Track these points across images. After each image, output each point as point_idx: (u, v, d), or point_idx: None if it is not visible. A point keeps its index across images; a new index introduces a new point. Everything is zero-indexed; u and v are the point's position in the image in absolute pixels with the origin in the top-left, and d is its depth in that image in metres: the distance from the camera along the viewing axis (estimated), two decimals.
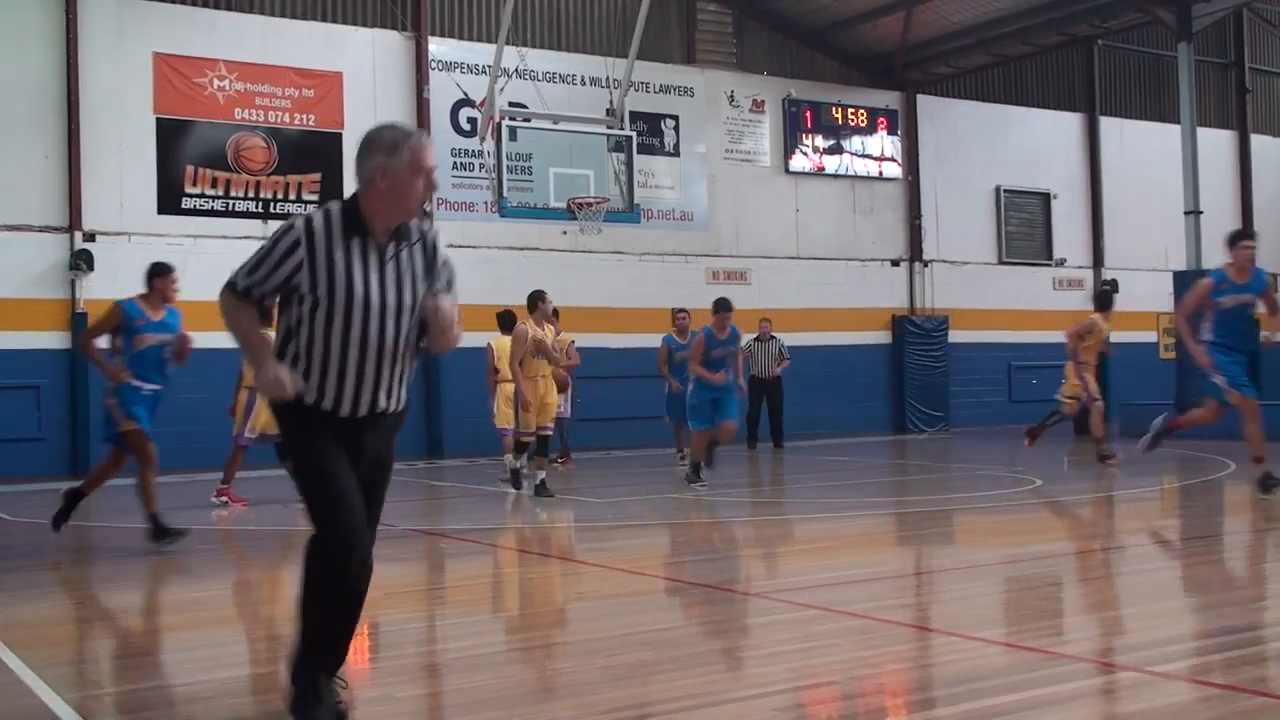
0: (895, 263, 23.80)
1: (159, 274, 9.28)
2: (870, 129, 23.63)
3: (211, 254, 17.87)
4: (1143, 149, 25.74)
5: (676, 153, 21.60)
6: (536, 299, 12.52)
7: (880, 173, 23.69)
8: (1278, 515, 11.07)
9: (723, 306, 12.90)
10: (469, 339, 17.87)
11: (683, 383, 14.22)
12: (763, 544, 9.25)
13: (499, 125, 16.38)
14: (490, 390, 14.37)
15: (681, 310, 16.70)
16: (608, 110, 17.62)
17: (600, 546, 9.14)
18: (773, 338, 19.45)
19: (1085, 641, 5.84)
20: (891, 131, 23.81)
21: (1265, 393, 13.55)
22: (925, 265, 23.91)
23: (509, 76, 18.61)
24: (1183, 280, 21.19)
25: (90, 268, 17.13)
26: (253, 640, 6.29)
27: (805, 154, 22.88)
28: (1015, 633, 5.98)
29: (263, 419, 11.64)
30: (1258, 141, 28.03)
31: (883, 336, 23.48)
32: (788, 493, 13.30)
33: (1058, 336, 25.24)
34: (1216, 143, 26.45)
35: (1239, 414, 10.45)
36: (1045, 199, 25.44)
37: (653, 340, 20.75)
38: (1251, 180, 27.84)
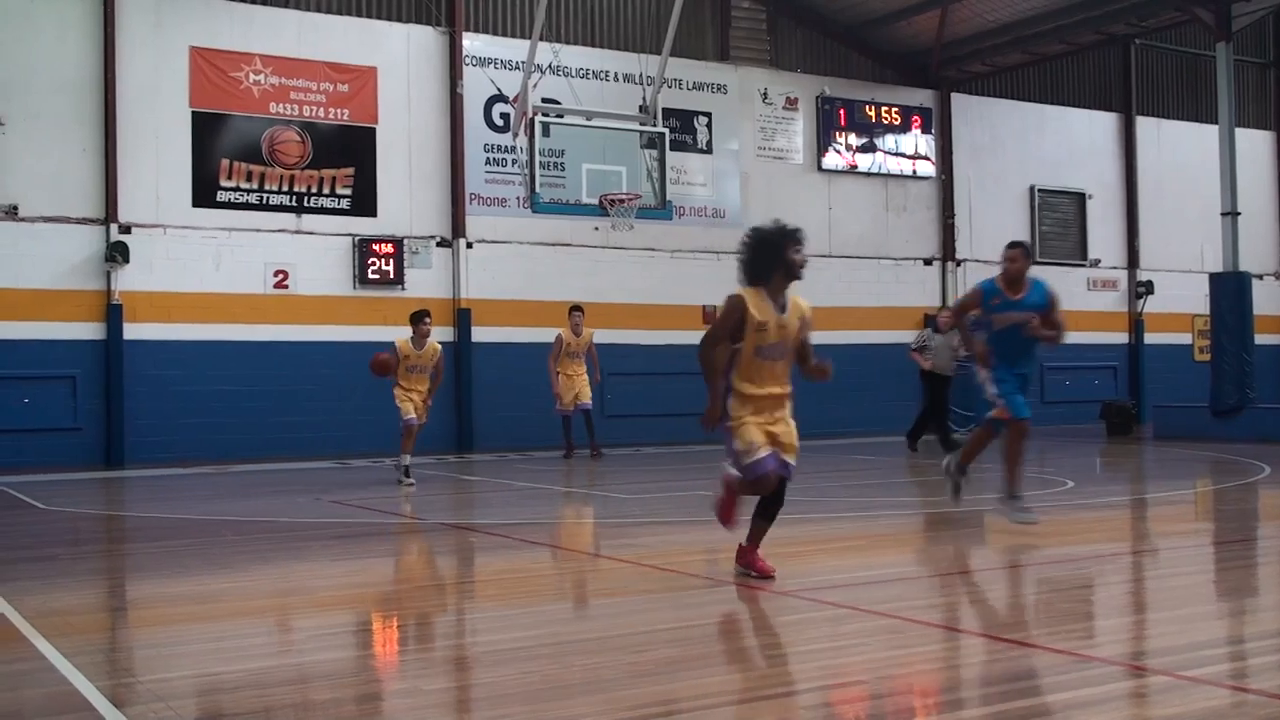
0: (928, 261, 23.70)
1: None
2: (904, 127, 23.52)
3: (245, 247, 18.02)
4: (1179, 149, 25.53)
5: (709, 149, 21.57)
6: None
7: (914, 171, 23.59)
8: None
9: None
10: (498, 334, 17.90)
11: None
12: (789, 542, 9.23)
13: (532, 121, 16.41)
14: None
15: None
16: (641, 107, 17.61)
17: (629, 543, 9.14)
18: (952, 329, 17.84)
19: (1116, 645, 5.80)
20: (925, 130, 23.70)
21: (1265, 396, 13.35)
22: (958, 264, 23.78)
23: (542, 73, 18.65)
24: (1220, 282, 21.04)
25: (125, 260, 17.26)
26: (282, 631, 6.32)
27: (838, 152, 22.80)
28: (1045, 635, 5.94)
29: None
30: None
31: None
32: (817, 491, 13.26)
33: (1091, 337, 25.20)
34: (1254, 143, 26.19)
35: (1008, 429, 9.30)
36: (1080, 199, 25.27)
37: (685, 336, 20.81)
38: None
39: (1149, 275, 25.60)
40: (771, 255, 6.87)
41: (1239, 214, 21.31)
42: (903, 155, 23.53)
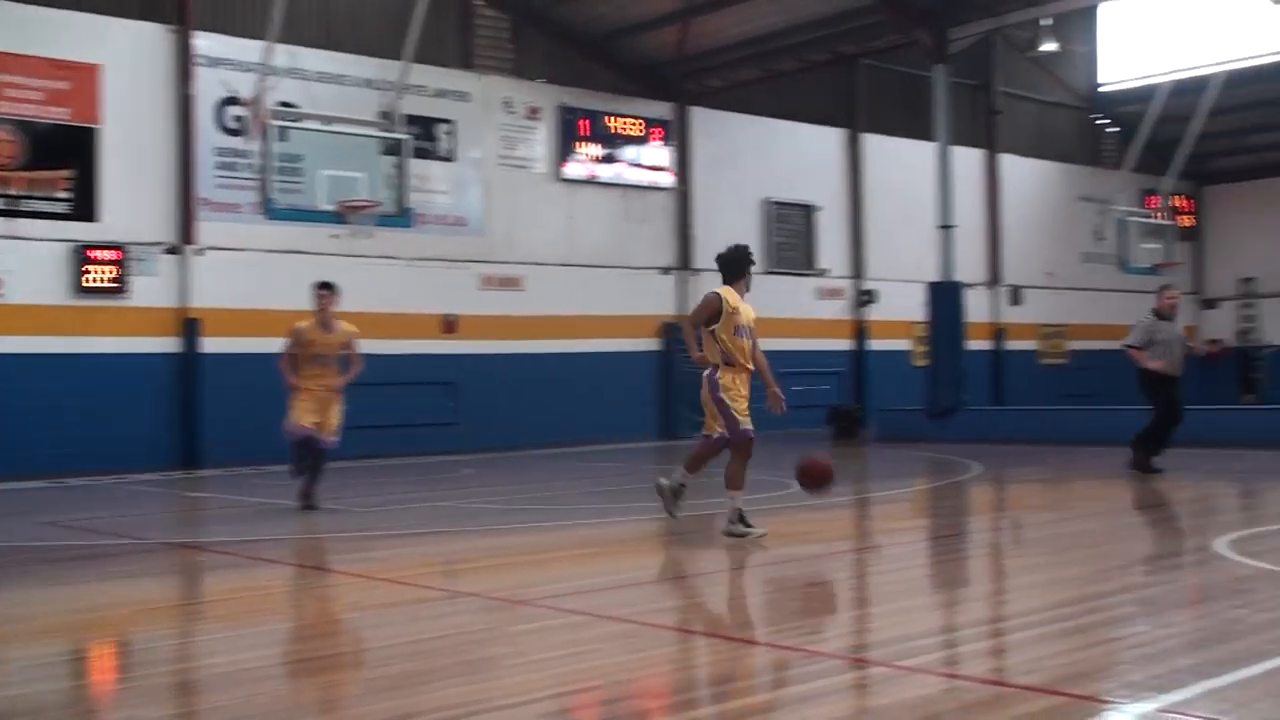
0: (666, 270, 24.18)
1: None
2: (644, 139, 23.93)
3: None
4: (902, 165, 26.78)
5: (451, 157, 21.42)
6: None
7: (653, 182, 24.02)
8: (1020, 519, 11.73)
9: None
10: (229, 344, 17.18)
11: None
12: (528, 551, 9.27)
13: (268, 124, 15.94)
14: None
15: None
16: (382, 113, 17.36)
17: (364, 556, 8.99)
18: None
19: (839, 639, 6.07)
20: (665, 142, 24.17)
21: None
22: (695, 274, 24.36)
23: (279, 75, 18.15)
24: (936, 291, 22.27)
25: None
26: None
27: (579, 162, 23.01)
28: (774, 633, 6.17)
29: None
30: (1006, 160, 29.62)
31: (653, 343, 23.82)
32: (556, 499, 13.35)
33: (819, 344, 26.23)
34: (969, 160, 27.80)
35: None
36: (810, 211, 26.27)
37: (425, 346, 20.61)
38: (1000, 197, 29.41)
39: (873, 284, 26.82)
40: (741, 264, 9.64)
41: (955, 227, 22.61)
42: (643, 166, 23.92)
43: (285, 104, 17.91)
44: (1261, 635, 5.55)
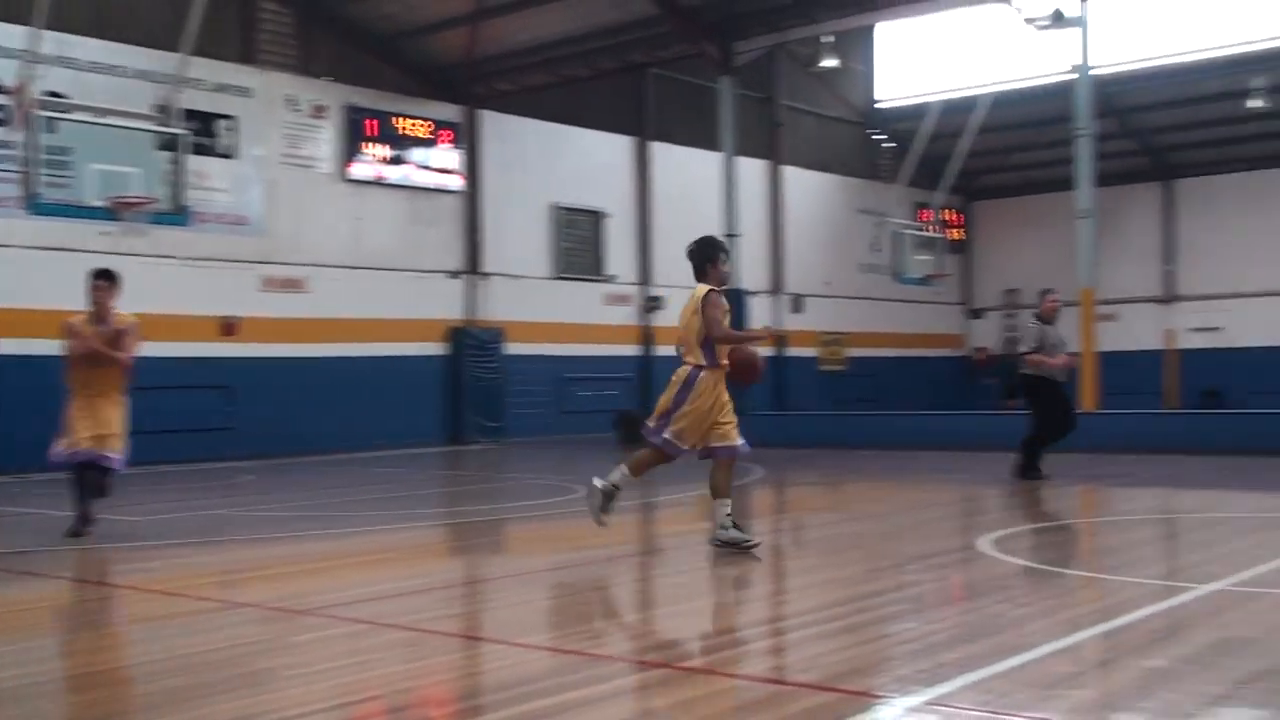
0: (454, 274, 24.00)
1: None
2: (433, 141, 23.70)
3: None
4: (688, 173, 27.25)
5: (232, 154, 20.78)
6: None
7: (442, 185, 23.81)
8: (800, 521, 12.05)
9: None
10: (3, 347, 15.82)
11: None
12: (309, 560, 9.07)
13: (33, 115, 15.15)
14: None
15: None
16: (158, 106, 16.72)
17: (141, 568, 8.65)
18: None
19: (623, 642, 6.14)
20: (454, 144, 24.00)
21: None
22: (483, 278, 24.27)
23: (47, 63, 17.27)
24: (728, 300, 22.68)
25: None
26: None
27: (366, 162, 22.64)
28: (558, 637, 6.19)
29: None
30: (789, 172, 30.46)
31: (440, 348, 23.61)
32: (340, 506, 13.10)
33: (607, 350, 26.44)
34: (753, 171, 28.48)
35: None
36: (598, 217, 26.48)
37: (203, 349, 19.92)
38: (783, 207, 30.22)
39: (660, 291, 27.19)
40: (710, 256, 8.91)
41: (739, 235, 23.12)
42: (431, 169, 23.69)
43: (53, 94, 17.04)
44: (1020, 629, 5.86)
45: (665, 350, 27.17)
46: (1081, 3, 20.24)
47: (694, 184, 26.51)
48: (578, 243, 26.10)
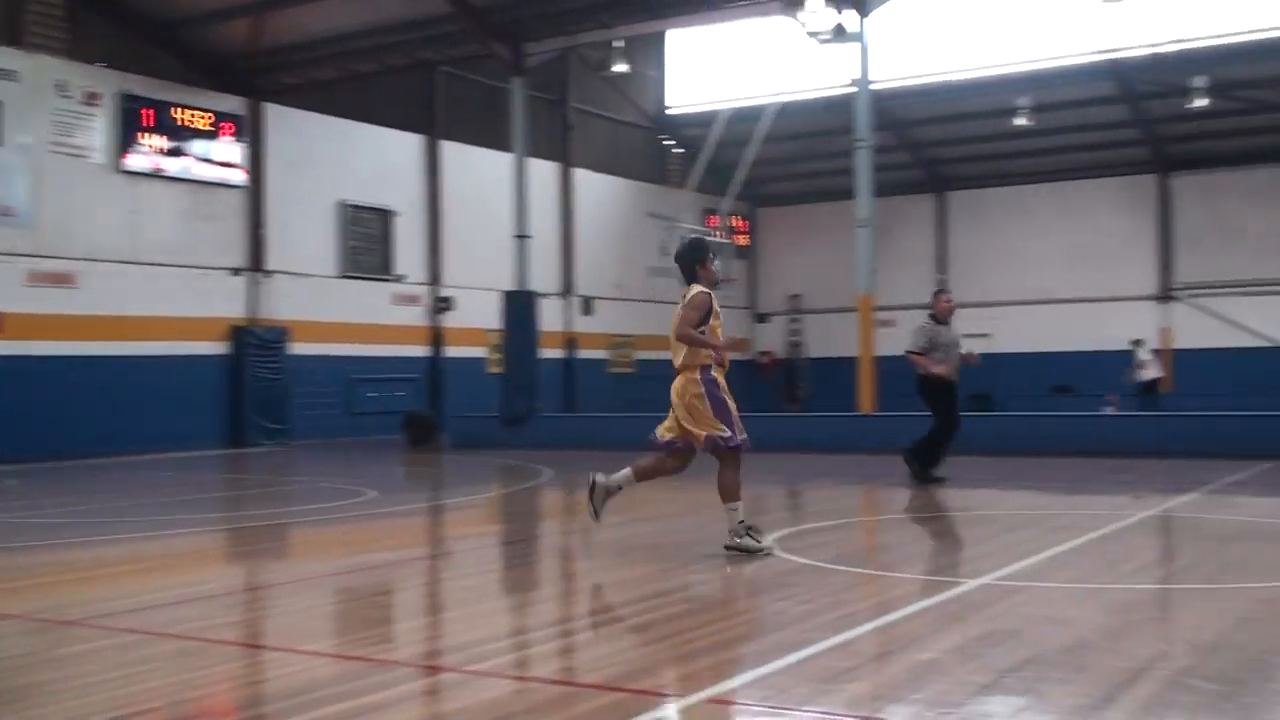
0: (236, 271, 23.30)
1: None
2: (214, 133, 22.93)
3: None
4: (480, 174, 27.13)
5: None
6: None
7: (224, 179, 23.07)
8: (589, 522, 12.11)
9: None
10: None
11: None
12: (78, 568, 8.67)
13: None
14: None
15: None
16: None
17: None
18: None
19: (411, 646, 6.07)
20: (237, 138, 23.27)
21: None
22: (267, 276, 23.63)
23: None
24: (511, 300, 22.70)
25: None
26: None
27: (143, 154, 21.74)
28: (344, 643, 6.08)
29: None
30: (580, 174, 30.61)
31: (221, 347, 22.89)
32: (112, 511, 12.57)
33: (395, 351, 26.09)
34: (545, 173, 28.51)
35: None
36: (388, 216, 26.09)
37: None
38: (574, 210, 30.36)
39: (450, 291, 26.98)
40: (698, 258, 8.76)
41: (530, 237, 23.13)
42: (213, 162, 22.92)
43: None
44: (801, 625, 6.03)
45: (456, 351, 26.99)
46: (861, 19, 20.96)
47: (486, 184, 26.41)
48: (366, 241, 25.66)
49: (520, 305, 22.70)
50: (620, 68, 29.71)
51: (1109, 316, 30.20)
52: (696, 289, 8.58)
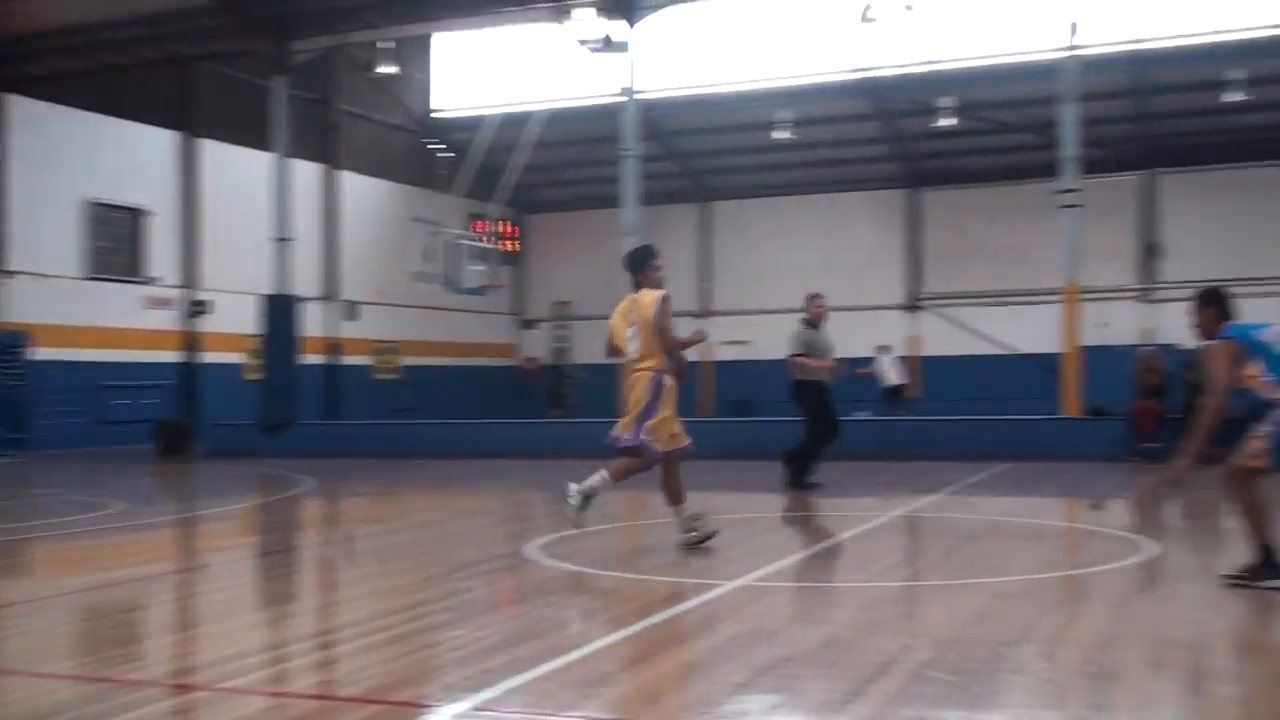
0: None
1: None
2: None
3: None
4: (240, 174, 26.26)
5: None
6: None
7: None
8: (350, 532, 11.90)
9: None
10: None
11: None
12: None
13: None
14: None
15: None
16: None
17: None
18: None
19: (160, 665, 5.83)
20: None
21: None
22: (7, 276, 22.32)
23: None
24: (271, 304, 22.09)
25: None
26: None
27: None
28: (87, 664, 5.80)
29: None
30: (345, 176, 30.00)
31: None
32: None
33: (147, 356, 25.02)
34: (308, 174, 27.82)
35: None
36: (139, 215, 25.00)
37: None
38: (339, 213, 29.74)
39: (207, 295, 26.03)
40: (641, 264, 9.05)
41: (292, 239, 22.57)
42: None
43: None
44: (563, 631, 6.07)
45: (214, 357, 26.05)
46: (630, 29, 21.25)
47: (246, 184, 25.60)
48: (115, 241, 24.50)
49: (281, 310, 22.13)
50: (388, 69, 29.25)
51: (862, 325, 31.42)
52: (661, 293, 8.85)
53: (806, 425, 13.31)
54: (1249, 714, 4.66)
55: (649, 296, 8.84)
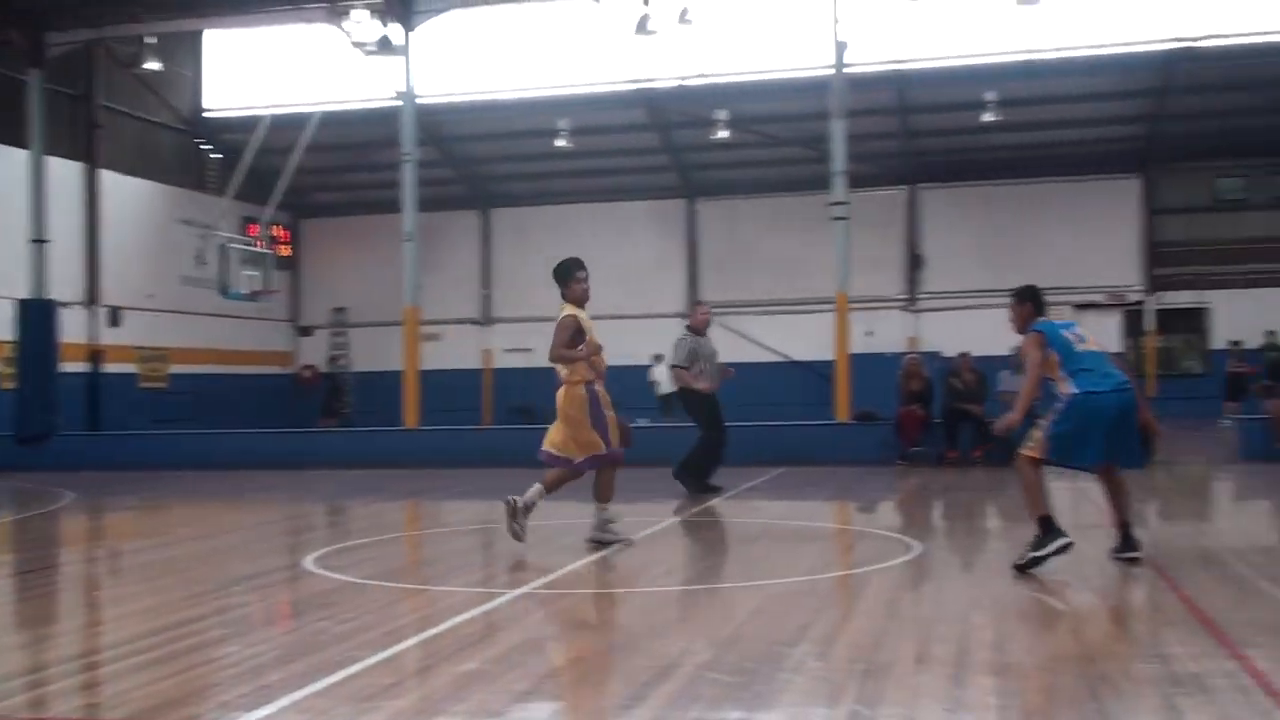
0: None
1: None
2: None
3: None
4: None
5: None
6: None
7: None
8: (115, 548, 11.41)
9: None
10: None
11: None
12: None
13: None
14: None
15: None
16: None
17: None
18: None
19: None
20: None
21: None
22: None
23: None
24: (27, 309, 21.00)
25: None
26: None
27: None
28: None
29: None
30: (107, 176, 28.67)
31: None
32: None
33: None
34: (67, 173, 26.48)
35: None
36: None
37: None
38: (100, 214, 28.41)
39: None
40: (566, 275, 9.47)
41: (49, 241, 21.50)
42: None
43: None
44: (342, 644, 5.95)
45: None
46: (407, 33, 21.01)
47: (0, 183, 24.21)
48: None
49: (37, 315, 21.06)
50: (152, 65, 28.07)
51: (643, 333, 31.80)
52: (565, 308, 9.21)
53: (700, 432, 13.66)
54: (1006, 703, 4.92)
55: (562, 311, 9.33)
